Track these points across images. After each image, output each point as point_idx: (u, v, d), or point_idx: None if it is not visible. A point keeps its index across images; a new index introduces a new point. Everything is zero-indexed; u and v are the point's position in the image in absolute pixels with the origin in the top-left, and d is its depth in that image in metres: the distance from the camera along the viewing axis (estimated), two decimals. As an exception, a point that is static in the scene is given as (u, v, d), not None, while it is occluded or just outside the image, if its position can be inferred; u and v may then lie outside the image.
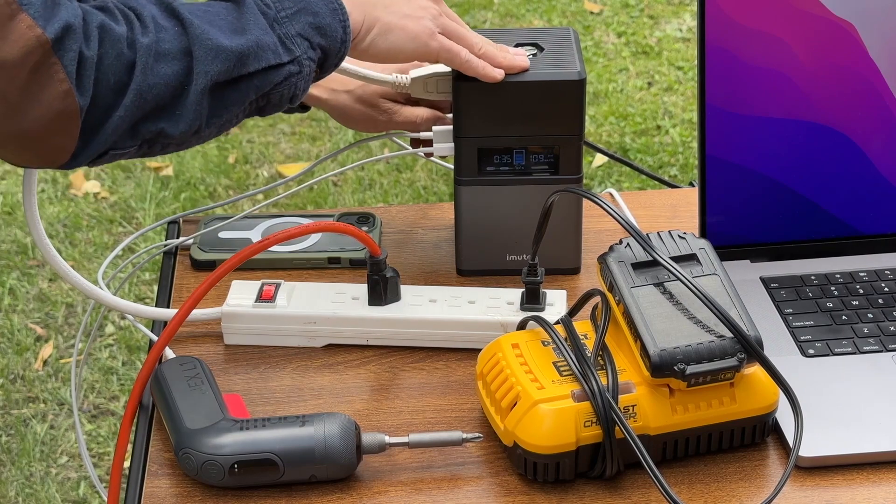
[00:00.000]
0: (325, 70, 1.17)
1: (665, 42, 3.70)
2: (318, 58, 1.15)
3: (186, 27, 1.07)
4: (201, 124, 1.09)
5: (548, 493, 1.09)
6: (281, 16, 1.13)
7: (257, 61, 1.10)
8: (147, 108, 1.06)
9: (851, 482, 1.10)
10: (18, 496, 2.35)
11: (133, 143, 1.07)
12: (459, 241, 1.35)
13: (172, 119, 1.07)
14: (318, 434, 1.08)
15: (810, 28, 1.27)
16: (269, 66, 1.11)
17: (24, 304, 2.79)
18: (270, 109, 1.15)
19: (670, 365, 1.06)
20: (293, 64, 1.13)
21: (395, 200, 3.07)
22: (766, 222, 1.33)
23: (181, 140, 1.10)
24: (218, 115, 1.10)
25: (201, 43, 1.07)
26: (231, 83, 1.10)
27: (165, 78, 1.06)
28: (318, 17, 1.14)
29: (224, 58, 1.08)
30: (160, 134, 1.08)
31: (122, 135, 1.06)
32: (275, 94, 1.13)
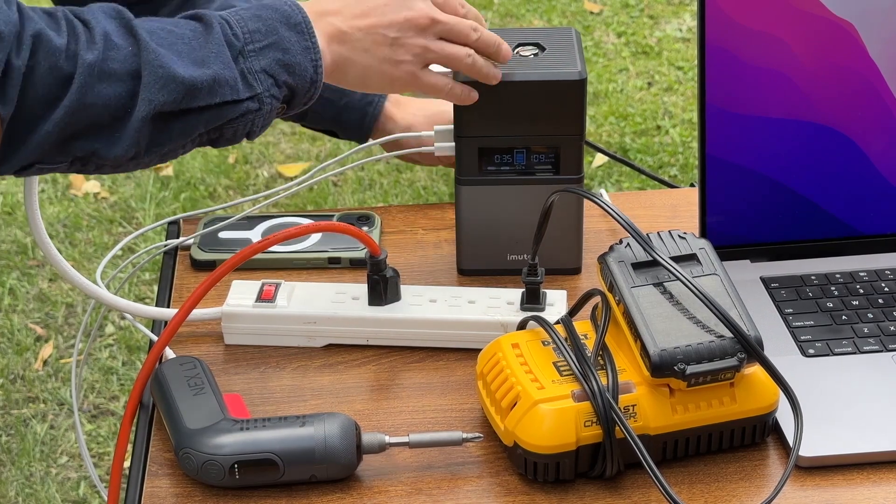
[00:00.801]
0: (292, 107, 1.13)
1: (665, 42, 3.70)
2: (283, 95, 1.10)
3: (141, 49, 1.03)
4: (140, 151, 1.05)
5: (548, 493, 1.09)
6: (248, 49, 1.08)
7: (211, 96, 1.06)
8: (80, 126, 1.01)
9: (851, 482, 1.10)
10: (18, 496, 2.35)
11: (63, 160, 1.03)
12: (460, 241, 1.35)
13: (109, 141, 1.03)
14: (318, 434, 1.08)
15: (810, 28, 1.27)
16: (224, 102, 1.07)
17: (24, 304, 2.79)
18: (223, 143, 1.11)
19: (670, 365, 1.06)
20: (252, 101, 1.08)
21: (395, 200, 3.07)
22: (766, 222, 1.33)
23: (116, 163, 1.05)
24: (159, 144, 1.06)
25: (152, 69, 1.03)
26: (178, 114, 1.05)
27: (105, 99, 1.01)
28: (287, 54, 1.10)
29: (173, 88, 1.04)
30: (93, 154, 1.04)
31: (50, 149, 1.01)
32: (228, 129, 1.09)
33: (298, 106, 1.13)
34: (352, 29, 1.15)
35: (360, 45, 1.15)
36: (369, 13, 1.16)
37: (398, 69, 1.17)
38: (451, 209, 1.45)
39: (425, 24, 1.17)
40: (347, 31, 1.15)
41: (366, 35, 1.15)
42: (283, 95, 1.11)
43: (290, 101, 1.12)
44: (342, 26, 1.15)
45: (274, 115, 1.12)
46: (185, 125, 1.06)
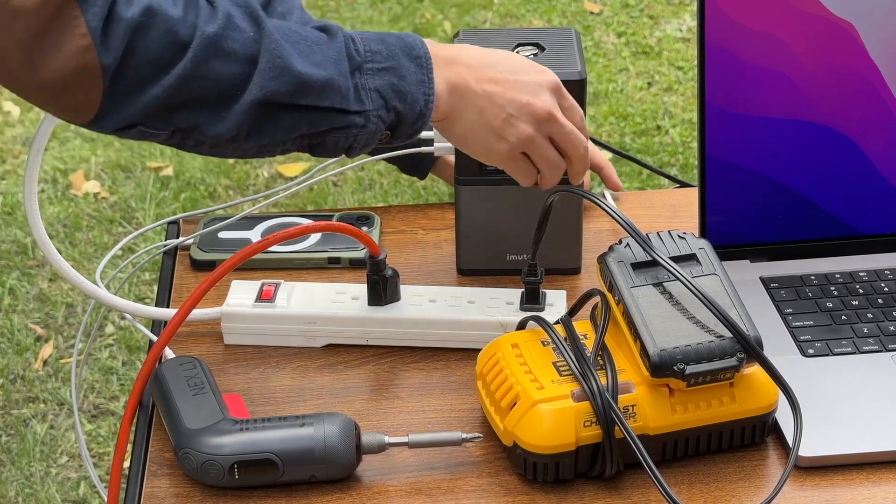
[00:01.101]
0: (397, 135, 1.13)
1: (665, 42, 3.70)
2: (389, 120, 1.11)
3: (263, 36, 1.05)
4: (241, 135, 1.06)
5: (547, 493, 1.09)
6: (366, 66, 1.09)
7: (321, 98, 1.07)
8: (188, 97, 1.03)
9: (851, 482, 1.10)
10: (18, 496, 2.35)
11: (165, 128, 1.04)
12: (459, 241, 1.35)
13: (214, 118, 1.04)
14: (317, 434, 1.08)
15: (810, 28, 1.27)
16: (332, 108, 1.08)
17: (24, 304, 2.79)
18: (323, 152, 1.11)
19: (670, 365, 1.06)
20: (360, 116, 1.09)
21: (395, 200, 3.07)
22: (766, 222, 1.33)
23: (216, 142, 1.06)
24: (261, 134, 1.07)
25: (271, 57, 1.04)
26: (286, 108, 1.06)
27: (218, 75, 1.03)
28: (403, 81, 1.10)
29: (287, 80, 1.05)
30: (196, 128, 1.05)
31: (155, 114, 1.03)
32: (330, 138, 1.09)
33: (401, 136, 1.13)
34: (476, 87, 1.15)
35: (476, 105, 1.15)
36: (498, 81, 1.15)
37: (498, 144, 1.16)
38: (451, 209, 1.45)
39: (542, 118, 1.16)
40: (471, 87, 1.15)
41: (486, 100, 1.15)
42: (390, 121, 1.11)
43: (394, 129, 1.12)
44: (468, 80, 1.14)
45: (377, 138, 1.11)
46: (291, 120, 1.07)
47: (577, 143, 1.18)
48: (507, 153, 1.16)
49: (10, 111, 3.43)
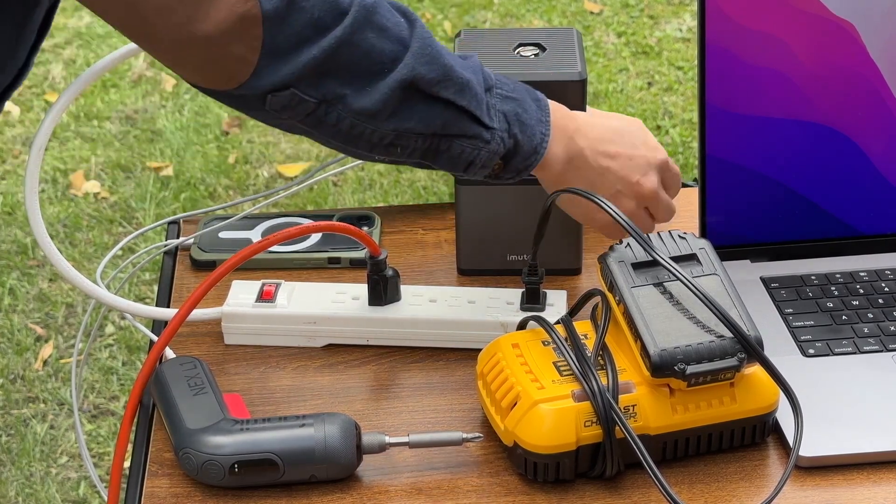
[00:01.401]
0: (507, 168, 1.15)
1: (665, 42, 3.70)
2: (508, 147, 1.13)
3: (413, 27, 1.08)
4: (383, 113, 1.07)
5: (548, 493, 1.09)
6: (496, 89, 1.13)
7: (460, 95, 1.09)
8: (341, 64, 1.04)
9: (851, 482, 1.10)
10: (18, 496, 2.35)
11: (314, 96, 1.05)
12: (460, 241, 1.35)
13: (360, 92, 1.06)
14: (318, 434, 1.08)
15: (810, 28, 1.27)
16: (468, 111, 1.10)
17: (24, 304, 2.79)
18: (441, 161, 1.13)
19: (670, 365, 1.06)
20: (487, 131, 1.11)
21: (395, 200, 3.07)
22: (766, 222, 1.33)
23: (356, 116, 1.07)
24: (399, 117, 1.08)
25: (422, 44, 1.07)
26: (427, 97, 1.08)
27: (370, 47, 1.05)
28: (526, 113, 1.14)
29: (435, 68, 1.07)
30: (341, 100, 1.06)
31: (309, 76, 1.04)
32: (457, 145, 1.11)
33: (512, 171, 1.16)
34: (592, 161, 1.19)
35: (589, 177, 1.19)
36: (614, 157, 1.20)
37: (601, 214, 1.19)
38: (451, 209, 1.45)
39: (647, 197, 1.22)
40: (588, 160, 1.19)
41: (599, 175, 1.20)
42: (508, 148, 1.13)
43: (508, 160, 1.14)
44: (586, 153, 1.19)
45: (493, 162, 1.14)
46: (429, 111, 1.09)
47: (668, 213, 1.25)
48: (606, 223, 1.22)
49: (9, 111, 3.43)
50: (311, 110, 1.06)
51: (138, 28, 1.04)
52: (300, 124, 1.08)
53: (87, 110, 3.45)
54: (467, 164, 1.13)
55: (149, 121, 3.41)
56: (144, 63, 3.63)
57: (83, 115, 3.43)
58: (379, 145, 1.10)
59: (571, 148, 1.18)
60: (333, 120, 1.07)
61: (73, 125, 3.39)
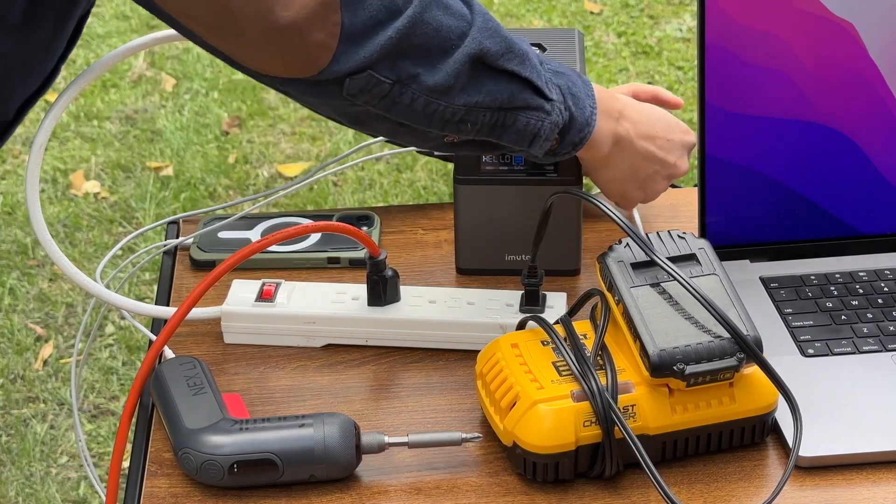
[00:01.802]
0: (563, 143, 1.18)
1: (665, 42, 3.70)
2: (564, 120, 1.16)
3: (472, 8, 1.10)
4: (454, 88, 1.09)
5: (547, 493, 1.09)
6: (546, 65, 1.16)
7: (522, 66, 1.12)
8: (413, 43, 1.07)
9: (851, 482, 1.10)
10: (18, 496, 2.35)
11: (390, 77, 1.07)
12: (458, 240, 1.35)
13: (432, 68, 1.08)
14: (317, 434, 1.08)
15: (810, 28, 1.27)
16: (530, 82, 1.13)
17: (24, 304, 2.79)
18: (508, 135, 1.15)
19: (670, 365, 1.06)
20: (548, 102, 1.15)
21: (395, 200, 3.07)
22: (765, 222, 1.33)
23: (430, 93, 1.09)
24: (469, 91, 1.10)
25: (483, 20, 1.10)
26: (494, 70, 1.11)
27: (439, 24, 1.07)
28: (574, 87, 1.17)
29: (499, 41, 1.10)
30: (415, 79, 1.08)
31: (384, 58, 1.06)
32: (521, 119, 1.14)
33: (567, 146, 1.19)
34: (637, 146, 1.27)
35: (632, 159, 1.27)
36: (655, 139, 1.28)
37: (636, 192, 1.31)
38: (451, 209, 1.45)
39: (677, 175, 1.32)
40: (633, 142, 1.26)
41: (641, 156, 1.27)
42: (564, 121, 1.16)
43: (564, 134, 1.18)
44: (632, 135, 1.26)
45: (553, 135, 1.16)
46: (496, 84, 1.12)
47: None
48: (638, 199, 1.32)
49: (10, 111, 3.43)
50: (386, 92, 1.08)
51: (224, 22, 1.05)
52: (375, 108, 1.10)
53: (87, 110, 3.45)
54: (532, 137, 1.15)
55: (149, 121, 3.41)
56: (144, 63, 3.63)
57: (83, 115, 3.43)
58: (451, 122, 1.12)
59: (618, 130, 1.23)
60: (408, 100, 1.09)
61: (73, 125, 3.39)
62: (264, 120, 3.42)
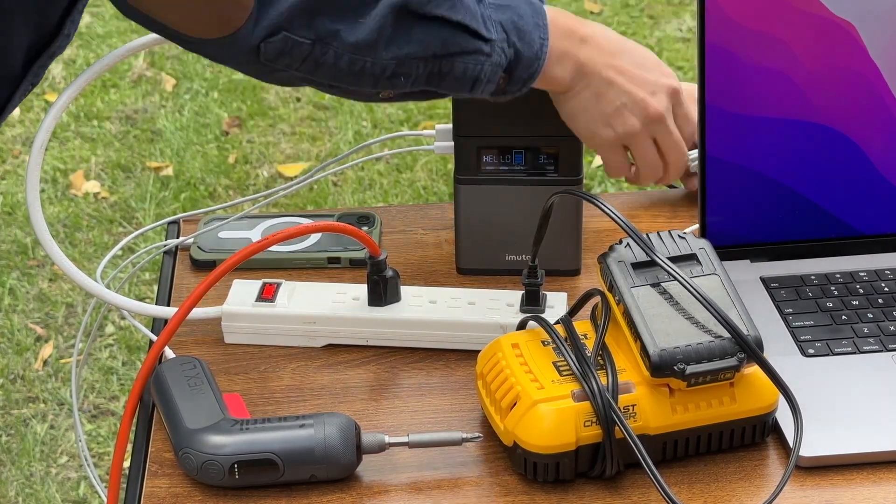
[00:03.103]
0: (513, 80, 1.13)
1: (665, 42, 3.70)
2: (509, 57, 1.11)
3: None
4: (380, 41, 1.05)
5: (548, 493, 1.09)
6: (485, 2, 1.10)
7: (453, 9, 1.07)
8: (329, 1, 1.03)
9: (851, 482, 1.10)
10: (18, 496, 2.35)
11: (307, 36, 1.03)
12: (458, 240, 1.35)
13: (353, 25, 1.04)
14: (318, 434, 1.08)
15: (810, 28, 1.27)
16: (463, 25, 1.07)
17: (24, 304, 2.79)
18: (447, 83, 1.10)
19: (670, 365, 1.06)
20: (486, 44, 1.09)
21: (395, 200, 3.07)
22: (766, 222, 1.33)
23: (355, 50, 1.05)
24: (397, 44, 1.06)
25: None
26: (422, 18, 1.06)
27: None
28: (521, 20, 1.11)
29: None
30: (335, 36, 1.04)
31: (299, 16, 1.02)
32: (458, 65, 1.09)
33: (517, 83, 1.13)
34: (601, 72, 1.18)
35: (595, 88, 1.18)
36: (623, 72, 1.19)
37: (604, 130, 1.20)
38: (451, 209, 1.45)
39: (652, 117, 1.21)
40: (598, 70, 1.17)
41: (606, 86, 1.18)
42: (509, 58, 1.11)
43: (512, 71, 1.12)
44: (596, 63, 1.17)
45: (498, 75, 1.11)
46: (425, 32, 1.07)
47: (678, 151, 1.23)
48: (610, 141, 1.21)
49: (10, 111, 3.43)
50: (307, 53, 1.05)
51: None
52: (298, 72, 1.06)
53: (87, 110, 3.45)
54: (473, 82, 1.11)
55: (149, 121, 3.41)
56: (144, 63, 3.63)
57: (83, 115, 3.43)
58: (381, 77, 1.08)
59: (582, 59, 1.16)
60: (332, 59, 1.06)
61: (73, 125, 3.39)
62: (264, 120, 3.42)
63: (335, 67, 1.06)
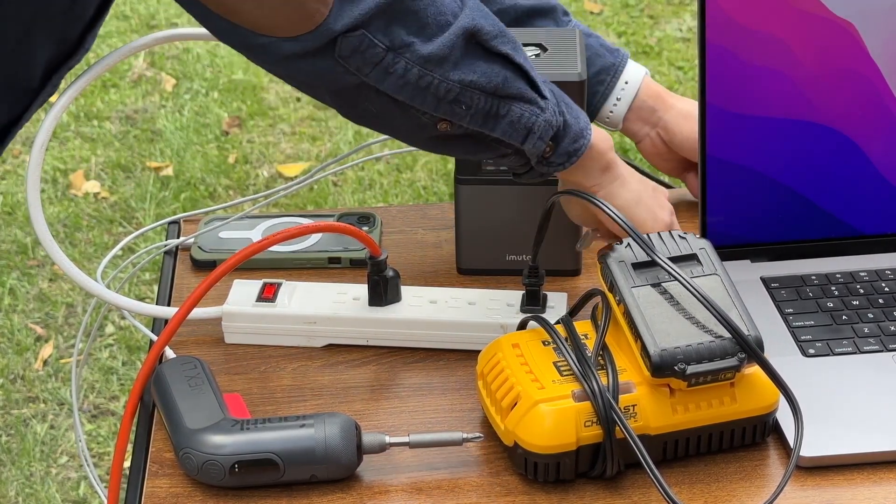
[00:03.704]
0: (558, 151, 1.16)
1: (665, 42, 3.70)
2: (558, 125, 1.14)
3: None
4: (449, 59, 1.08)
5: (548, 493, 1.09)
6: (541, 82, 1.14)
7: (516, 52, 1.11)
8: (409, 9, 1.06)
9: (851, 482, 1.10)
10: (18, 496, 2.35)
11: (383, 41, 1.06)
12: (459, 240, 1.35)
13: (426, 39, 1.07)
14: (318, 434, 1.08)
15: (810, 28, 1.27)
16: (523, 70, 1.12)
17: (24, 304, 2.79)
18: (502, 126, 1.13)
19: (671, 365, 1.06)
20: (542, 99, 1.13)
21: (395, 200, 3.07)
22: (766, 222, 1.33)
23: (424, 64, 1.08)
24: (463, 68, 1.09)
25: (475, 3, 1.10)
26: (487, 52, 1.10)
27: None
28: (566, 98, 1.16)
29: (491, 21, 1.10)
30: (409, 47, 1.07)
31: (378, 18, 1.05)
32: (516, 109, 1.12)
33: (562, 155, 1.16)
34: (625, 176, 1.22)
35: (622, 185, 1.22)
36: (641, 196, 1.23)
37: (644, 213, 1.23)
38: (451, 209, 1.46)
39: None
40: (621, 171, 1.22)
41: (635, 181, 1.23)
42: (557, 126, 1.15)
43: (558, 141, 1.16)
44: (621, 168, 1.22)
45: (548, 137, 1.14)
46: (490, 66, 1.10)
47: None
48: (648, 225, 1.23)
49: (9, 111, 3.43)
50: (379, 58, 1.07)
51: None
52: (367, 78, 1.08)
53: (87, 110, 3.45)
54: (527, 132, 1.13)
55: (149, 121, 3.41)
56: (144, 63, 3.63)
57: (83, 115, 3.43)
58: (444, 100, 1.10)
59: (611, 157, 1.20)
60: (402, 70, 1.08)
61: (73, 125, 3.39)
62: (264, 120, 3.42)
63: (403, 79, 1.09)
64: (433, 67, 1.09)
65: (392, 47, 1.07)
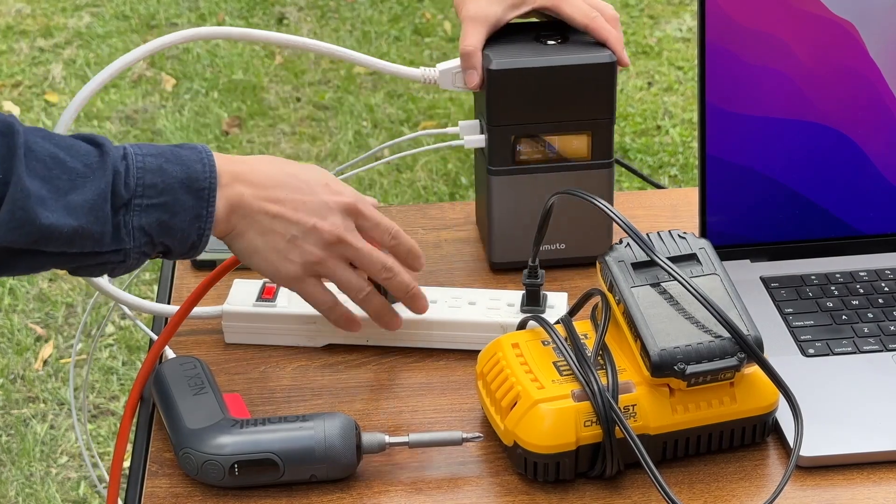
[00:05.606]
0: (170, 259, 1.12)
1: (665, 42, 3.70)
2: (156, 252, 1.08)
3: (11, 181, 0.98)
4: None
5: (548, 493, 1.10)
6: (134, 202, 1.05)
7: (68, 245, 1.02)
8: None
9: (851, 482, 1.10)
10: (18, 496, 2.35)
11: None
12: (492, 235, 1.34)
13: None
14: (318, 434, 1.08)
15: (810, 28, 1.27)
16: (82, 253, 1.04)
17: (24, 304, 2.79)
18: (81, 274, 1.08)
19: (670, 364, 1.06)
20: (117, 254, 1.05)
21: (395, 200, 3.07)
22: (766, 222, 1.33)
23: None
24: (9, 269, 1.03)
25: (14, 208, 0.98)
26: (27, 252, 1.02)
27: None
28: (175, 217, 1.06)
29: (29, 231, 1.00)
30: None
31: None
32: (84, 270, 1.07)
33: (175, 258, 1.11)
34: (258, 208, 1.11)
35: (259, 226, 1.12)
36: (282, 202, 1.12)
37: (284, 265, 1.13)
38: (450, 209, 1.46)
39: (330, 241, 1.14)
40: (252, 207, 1.11)
41: (269, 220, 1.12)
42: (158, 252, 1.09)
43: (166, 255, 1.10)
44: (249, 200, 1.11)
45: (141, 265, 1.10)
46: (32, 262, 1.03)
47: (374, 263, 1.16)
48: (296, 275, 1.14)
49: (9, 111, 3.43)
50: None
51: None
52: None
53: (87, 110, 3.45)
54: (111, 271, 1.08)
55: (149, 121, 3.41)
56: (144, 63, 3.63)
57: (83, 115, 3.43)
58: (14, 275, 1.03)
59: (234, 199, 1.10)
60: None
61: (74, 125, 3.39)
62: (264, 120, 3.42)
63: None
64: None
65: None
